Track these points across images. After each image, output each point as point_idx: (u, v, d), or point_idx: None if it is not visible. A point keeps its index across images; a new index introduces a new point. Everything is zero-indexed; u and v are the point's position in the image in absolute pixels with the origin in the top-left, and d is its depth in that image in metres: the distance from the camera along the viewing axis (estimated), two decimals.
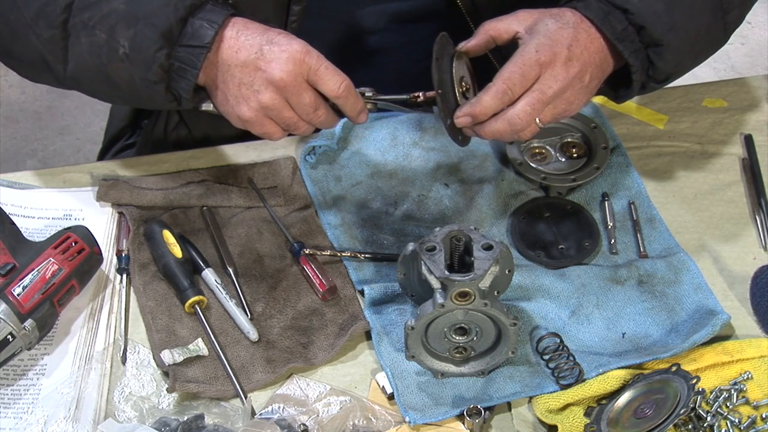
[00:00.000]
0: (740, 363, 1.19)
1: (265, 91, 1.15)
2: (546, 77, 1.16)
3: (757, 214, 1.38)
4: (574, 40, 1.18)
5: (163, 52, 1.14)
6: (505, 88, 1.15)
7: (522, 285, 1.27)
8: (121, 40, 1.15)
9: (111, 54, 1.17)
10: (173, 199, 1.37)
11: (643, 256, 1.32)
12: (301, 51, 1.14)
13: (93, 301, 1.27)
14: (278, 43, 1.15)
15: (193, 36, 1.15)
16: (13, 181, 1.41)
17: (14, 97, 2.93)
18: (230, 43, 1.16)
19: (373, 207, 1.39)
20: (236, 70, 1.16)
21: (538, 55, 1.15)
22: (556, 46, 1.16)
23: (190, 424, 1.12)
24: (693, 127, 1.50)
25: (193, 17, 1.15)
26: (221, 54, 1.16)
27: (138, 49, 1.15)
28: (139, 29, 1.15)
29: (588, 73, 1.19)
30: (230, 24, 1.16)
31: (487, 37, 1.20)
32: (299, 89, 1.15)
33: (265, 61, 1.14)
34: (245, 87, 1.16)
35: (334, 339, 1.23)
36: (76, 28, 1.18)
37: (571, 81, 1.17)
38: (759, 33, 3.15)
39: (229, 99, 1.18)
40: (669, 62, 1.22)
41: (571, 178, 1.38)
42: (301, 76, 1.15)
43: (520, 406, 1.18)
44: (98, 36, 1.17)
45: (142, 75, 1.16)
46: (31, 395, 1.18)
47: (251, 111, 1.17)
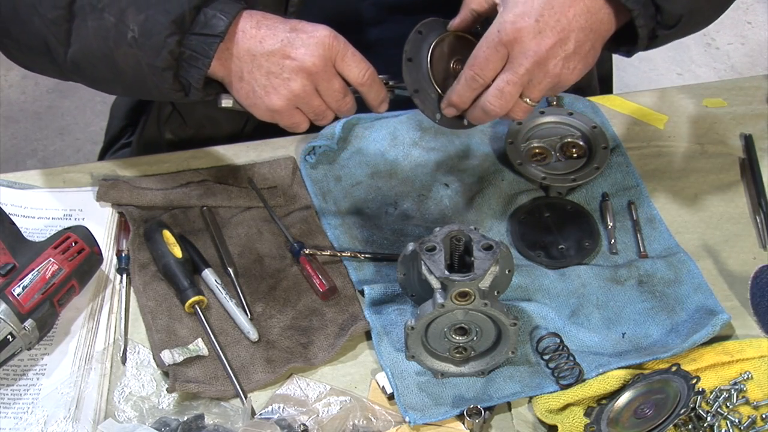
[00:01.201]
0: (740, 363, 1.19)
1: (295, 78, 1.13)
2: (515, 55, 1.11)
3: (757, 214, 1.38)
4: (546, 8, 1.10)
5: (174, 38, 1.13)
6: (472, 74, 1.13)
7: (522, 285, 1.27)
8: (131, 24, 1.14)
9: (119, 38, 1.15)
10: (173, 199, 1.37)
11: (643, 256, 1.32)
12: (329, 36, 1.13)
13: (93, 301, 1.27)
14: (303, 30, 1.13)
15: (206, 25, 1.13)
16: (13, 181, 1.41)
17: (14, 97, 2.93)
18: (252, 33, 1.14)
19: (373, 207, 1.39)
20: (263, 59, 1.14)
21: (500, 35, 1.10)
22: (521, 20, 1.09)
23: (190, 424, 1.12)
24: (693, 127, 1.50)
25: (207, 6, 1.14)
26: (243, 45, 1.14)
27: (148, 34, 1.13)
28: (150, 14, 1.13)
29: (571, 39, 1.11)
30: (246, 15, 1.15)
31: (469, 11, 1.16)
32: (329, 75, 1.14)
33: (293, 47, 1.13)
34: (274, 76, 1.14)
35: (334, 339, 1.23)
36: (83, 9, 1.16)
37: (548, 53, 1.10)
38: (759, 33, 3.15)
39: (257, 90, 1.15)
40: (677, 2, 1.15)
41: (571, 178, 1.38)
42: (330, 61, 1.14)
43: (520, 406, 1.18)
44: (106, 19, 1.15)
45: (150, 61, 1.15)
46: (31, 395, 1.18)
47: (282, 100, 1.15)
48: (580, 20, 1.12)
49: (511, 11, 1.11)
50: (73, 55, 1.19)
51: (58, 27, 1.18)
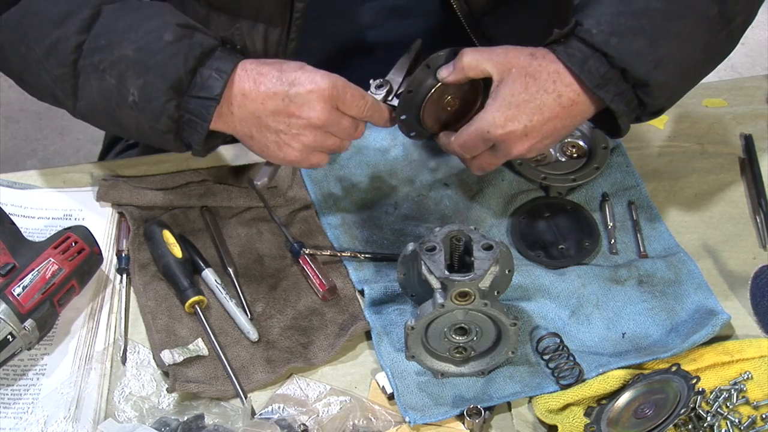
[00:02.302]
0: (740, 363, 1.19)
1: (305, 132, 1.16)
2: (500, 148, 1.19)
3: (757, 214, 1.38)
4: (535, 114, 1.16)
5: (172, 104, 1.15)
6: (460, 152, 1.22)
7: (522, 285, 1.27)
8: (131, 88, 1.16)
9: (120, 100, 1.17)
10: (173, 199, 1.37)
11: (643, 256, 1.32)
12: (327, 88, 1.15)
13: (93, 301, 1.27)
14: (301, 83, 1.15)
15: (202, 87, 1.15)
16: (13, 181, 1.41)
17: (14, 97, 2.93)
18: (253, 96, 1.16)
19: (373, 207, 1.39)
20: (269, 120, 1.16)
21: (489, 135, 1.17)
22: (511, 124, 1.16)
23: (190, 424, 1.12)
24: (693, 127, 1.50)
25: (202, 66, 1.15)
26: (247, 108, 1.16)
27: (147, 99, 1.15)
28: (148, 79, 1.15)
29: (553, 137, 1.20)
30: (241, 71, 1.16)
31: (464, 75, 1.19)
32: (337, 119, 1.17)
33: (296, 106, 1.15)
34: (283, 133, 1.17)
35: (334, 339, 1.23)
36: (86, 69, 1.18)
37: (529, 149, 1.19)
38: (759, 33, 3.15)
39: (270, 146, 1.19)
40: (659, 98, 1.19)
41: (571, 178, 1.38)
42: (333, 108, 1.16)
43: (520, 406, 1.18)
44: (108, 80, 1.17)
45: (150, 124, 1.17)
46: (31, 395, 1.18)
47: (296, 152, 1.18)
48: (565, 122, 1.19)
49: (503, 112, 1.16)
50: (80, 108, 1.22)
51: (64, 83, 1.20)
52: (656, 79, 1.16)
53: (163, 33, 1.15)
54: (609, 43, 1.14)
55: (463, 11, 1.40)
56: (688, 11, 1.16)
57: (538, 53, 1.17)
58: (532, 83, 1.16)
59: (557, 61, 1.16)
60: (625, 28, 1.14)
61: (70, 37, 1.17)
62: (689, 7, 1.16)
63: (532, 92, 1.16)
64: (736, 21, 1.20)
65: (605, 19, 1.15)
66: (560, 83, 1.16)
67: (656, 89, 1.17)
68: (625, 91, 1.17)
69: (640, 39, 1.14)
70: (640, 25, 1.15)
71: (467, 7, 1.40)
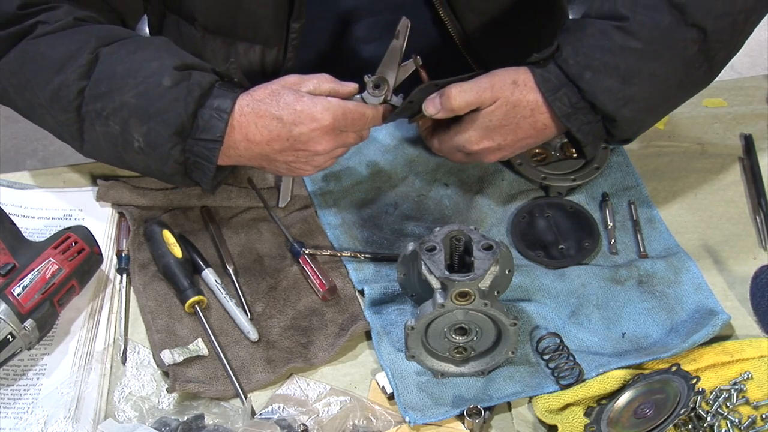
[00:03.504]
0: (740, 363, 1.19)
1: (315, 158, 1.21)
2: (474, 158, 1.28)
3: (757, 214, 1.38)
4: (509, 134, 1.23)
5: (177, 149, 1.17)
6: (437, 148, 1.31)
7: (522, 285, 1.27)
8: (135, 134, 1.17)
9: (126, 145, 1.19)
10: (173, 199, 1.37)
11: (643, 256, 1.32)
12: (328, 124, 1.17)
13: (93, 301, 1.27)
14: (302, 122, 1.16)
15: (204, 129, 1.16)
16: (13, 181, 1.41)
17: None
18: (257, 140, 1.18)
19: (373, 207, 1.39)
20: (278, 156, 1.20)
21: (465, 148, 1.25)
22: (486, 141, 1.24)
23: (190, 424, 1.12)
24: (693, 127, 1.50)
25: (202, 108, 1.16)
26: (254, 151, 1.19)
27: (153, 146, 1.17)
28: (151, 126, 1.16)
29: (520, 150, 1.28)
30: (240, 115, 1.17)
31: (453, 114, 1.23)
32: (341, 140, 1.21)
33: (301, 143, 1.18)
34: (294, 163, 1.21)
35: (334, 339, 1.23)
36: (90, 115, 1.19)
37: (498, 158, 1.28)
38: (759, 33, 3.13)
39: (284, 171, 1.24)
40: (625, 131, 1.24)
41: (571, 178, 1.38)
42: (336, 135, 1.19)
43: (520, 406, 1.18)
44: (112, 127, 1.18)
45: (158, 167, 1.19)
46: (31, 395, 1.18)
47: (310, 171, 1.24)
48: (537, 140, 1.26)
49: (479, 132, 1.23)
50: (87, 149, 1.24)
51: (69, 127, 1.21)
52: (624, 115, 1.20)
53: (162, 78, 1.16)
54: (583, 76, 1.18)
55: (456, 31, 1.42)
56: (666, 51, 1.18)
57: (520, 80, 1.21)
58: (512, 111, 1.22)
59: (536, 90, 1.20)
60: (599, 63, 1.17)
61: (71, 84, 1.18)
62: (667, 48, 1.18)
63: (510, 118, 1.22)
64: (718, 57, 1.21)
65: (583, 51, 1.18)
66: (537, 112, 1.22)
67: (623, 124, 1.21)
68: (593, 122, 1.22)
69: (613, 76, 1.18)
70: (615, 62, 1.17)
71: (461, 27, 1.42)
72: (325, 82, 1.21)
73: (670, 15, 1.16)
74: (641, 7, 1.17)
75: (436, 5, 1.41)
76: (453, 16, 1.42)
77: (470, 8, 1.42)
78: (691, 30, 1.17)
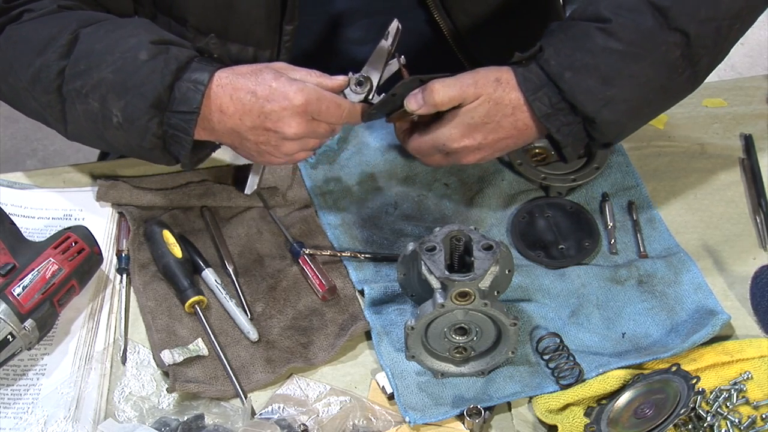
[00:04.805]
0: (740, 363, 1.19)
1: (284, 143, 1.19)
2: (453, 158, 1.26)
3: (757, 214, 1.38)
4: (490, 134, 1.22)
5: (154, 122, 1.16)
6: (414, 153, 1.29)
7: (522, 285, 1.27)
8: (114, 109, 1.17)
9: (106, 122, 1.19)
10: (173, 199, 1.37)
11: (643, 256, 1.32)
12: (300, 104, 1.16)
13: (93, 301, 1.27)
14: (275, 99, 1.16)
15: (181, 101, 1.16)
16: (13, 181, 1.41)
17: None
18: (230, 112, 1.17)
19: (373, 207, 1.39)
20: (248, 134, 1.18)
21: (445, 147, 1.23)
22: (466, 139, 1.22)
23: (190, 424, 1.12)
24: (693, 127, 1.50)
25: (179, 80, 1.16)
26: (225, 125, 1.18)
27: (130, 119, 1.17)
28: (129, 99, 1.16)
29: (500, 151, 1.26)
30: (217, 86, 1.17)
31: (435, 110, 1.21)
32: (313, 127, 1.19)
33: (271, 122, 1.17)
34: (263, 144, 1.19)
35: (334, 339, 1.23)
36: (70, 94, 1.19)
37: (478, 159, 1.26)
38: (759, 33, 3.14)
39: (253, 155, 1.23)
40: (605, 134, 1.22)
41: (571, 178, 1.38)
42: (308, 119, 1.18)
43: (520, 406, 1.18)
44: (92, 104, 1.18)
45: (137, 142, 1.19)
46: (31, 395, 1.18)
47: (280, 158, 1.22)
48: (517, 141, 1.24)
49: (460, 129, 1.22)
50: (71, 131, 1.25)
51: (52, 109, 1.22)
52: (604, 117, 1.19)
53: (138, 52, 1.17)
54: (563, 76, 1.18)
55: (449, 30, 1.42)
56: (647, 54, 1.17)
57: (503, 78, 1.20)
58: (494, 109, 1.20)
59: (518, 88, 1.20)
60: (580, 64, 1.17)
61: (52, 64, 1.18)
62: (649, 50, 1.17)
63: (492, 115, 1.21)
64: (701, 63, 1.20)
65: (564, 52, 1.18)
66: (518, 111, 1.20)
67: (603, 126, 1.20)
68: (573, 123, 1.21)
69: (593, 77, 1.17)
70: (596, 63, 1.17)
71: (455, 29, 1.42)
72: (314, 75, 1.21)
73: (652, 18, 1.16)
74: (624, 10, 1.17)
75: (431, 7, 1.41)
76: (447, 18, 1.42)
77: (464, 10, 1.42)
78: (673, 34, 1.16)
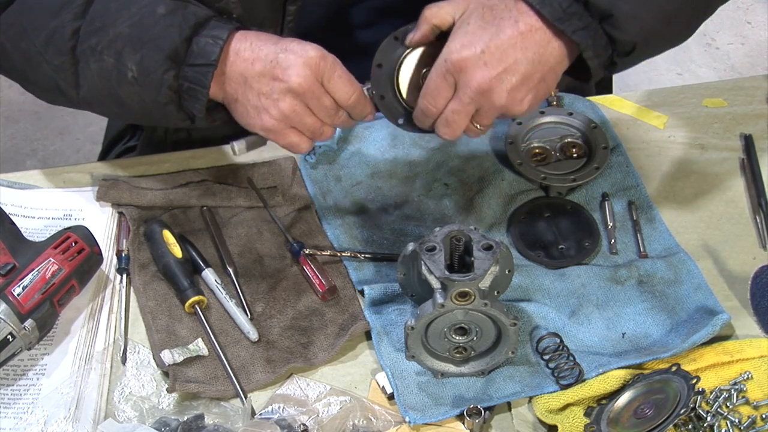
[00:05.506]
0: (740, 363, 1.19)
1: (284, 98, 1.16)
2: (461, 84, 1.13)
3: (757, 214, 1.38)
4: (492, 40, 1.11)
5: (170, 74, 1.16)
6: (425, 104, 1.16)
7: (522, 285, 1.27)
8: (129, 63, 1.17)
9: (120, 78, 1.18)
10: (173, 199, 1.37)
11: (643, 256, 1.32)
12: (316, 56, 1.15)
13: (93, 301, 1.27)
14: (293, 51, 1.15)
15: (199, 54, 1.16)
16: (13, 181, 1.41)
17: (14, 97, 2.93)
18: (245, 56, 1.16)
19: (373, 207, 1.39)
20: (254, 81, 1.16)
21: (446, 65, 1.13)
22: (466, 50, 1.11)
23: (190, 424, 1.12)
24: (693, 127, 1.50)
25: (197, 35, 1.16)
26: (236, 67, 1.17)
27: (146, 73, 1.16)
28: (145, 53, 1.16)
29: (517, 72, 1.12)
30: (238, 37, 1.17)
31: (431, 26, 1.16)
32: (318, 93, 1.16)
33: (281, 68, 1.15)
34: (264, 97, 1.16)
35: (334, 339, 1.23)
36: (84, 54, 1.19)
37: (491, 83, 1.12)
38: (759, 33, 3.15)
39: (250, 111, 1.18)
40: (627, 30, 1.13)
41: (571, 178, 1.38)
42: (317, 81, 1.16)
43: (520, 406, 1.18)
44: (106, 61, 1.18)
45: (152, 97, 1.18)
46: (31, 395, 1.18)
47: (273, 119, 1.17)
48: (527, 53, 1.12)
49: (458, 40, 1.13)
50: (83, 95, 1.23)
51: (65, 72, 1.21)
52: (620, 9, 1.12)
53: (156, 7, 1.16)
54: None
55: None
56: None
57: None
58: (489, 13, 1.12)
59: None
60: None
61: (66, 25, 1.18)
62: None
63: (488, 19, 1.12)
64: None
65: None
66: (516, 11, 1.12)
67: (622, 20, 1.12)
68: (590, 25, 1.12)
69: None
70: None
71: None
72: None
73: None
74: None
75: None
76: None
77: None
78: None
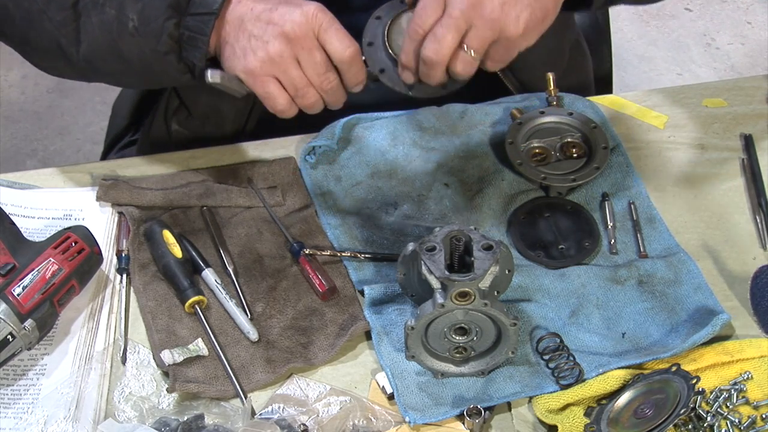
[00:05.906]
0: (740, 363, 1.19)
1: (274, 41, 1.15)
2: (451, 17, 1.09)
3: (757, 214, 1.38)
4: None
5: (171, 22, 1.16)
6: (414, 27, 1.12)
7: (522, 285, 1.27)
8: (130, 14, 1.18)
9: (121, 29, 1.19)
10: (173, 199, 1.37)
11: (643, 256, 1.32)
12: (316, 8, 1.15)
13: (93, 301, 1.27)
14: (294, 2, 1.16)
15: (201, 3, 1.16)
16: (13, 181, 1.41)
17: (14, 97, 2.93)
18: (246, 2, 1.17)
19: (373, 207, 1.39)
20: (249, 23, 1.16)
21: None
22: None
23: (190, 424, 1.12)
24: (693, 127, 1.50)
25: None
26: (236, 12, 1.17)
27: (147, 22, 1.17)
28: (147, 2, 1.17)
29: None
30: None
31: None
32: (310, 44, 1.15)
33: (278, 14, 1.15)
34: (255, 39, 1.16)
35: (334, 339, 1.23)
36: (86, 7, 1.20)
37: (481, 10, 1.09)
38: (759, 33, 3.15)
39: (237, 51, 1.17)
40: None
41: (571, 178, 1.38)
42: (312, 32, 1.15)
43: (520, 406, 1.18)
44: (108, 12, 1.19)
45: (152, 47, 1.18)
46: (31, 395, 1.18)
47: (257, 61, 1.16)
48: None
49: None
50: (84, 53, 1.23)
51: (66, 27, 1.22)
52: None
53: None
54: None
55: None
56: None
57: None
58: None
59: None
60: None
61: None
62: None
63: None
64: None
65: None
66: None
67: None
68: None
69: None
70: None
71: None
72: None
73: None
74: None
75: None
76: None
77: None
78: None
